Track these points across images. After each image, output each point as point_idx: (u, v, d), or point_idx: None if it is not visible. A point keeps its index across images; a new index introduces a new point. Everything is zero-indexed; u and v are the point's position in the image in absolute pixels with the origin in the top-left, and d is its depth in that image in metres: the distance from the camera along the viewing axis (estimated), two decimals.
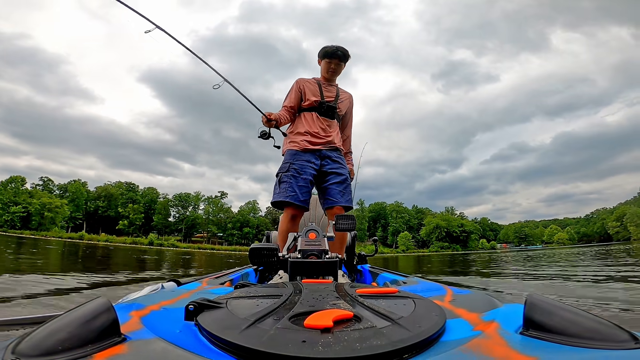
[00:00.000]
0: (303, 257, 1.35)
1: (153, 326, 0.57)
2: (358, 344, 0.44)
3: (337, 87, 2.58)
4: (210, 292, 1.00)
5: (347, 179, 2.42)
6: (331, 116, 2.49)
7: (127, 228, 63.63)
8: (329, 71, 2.49)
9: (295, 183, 2.26)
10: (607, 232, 72.66)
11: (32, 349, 0.42)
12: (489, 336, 0.52)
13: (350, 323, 0.53)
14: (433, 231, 74.00)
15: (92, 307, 0.50)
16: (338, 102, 2.52)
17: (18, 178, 54.39)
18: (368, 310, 0.60)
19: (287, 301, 0.67)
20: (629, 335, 0.47)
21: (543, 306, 0.54)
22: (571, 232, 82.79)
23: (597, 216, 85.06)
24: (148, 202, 70.61)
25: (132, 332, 0.52)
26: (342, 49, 2.46)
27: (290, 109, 2.49)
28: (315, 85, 2.51)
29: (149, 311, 0.67)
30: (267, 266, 1.36)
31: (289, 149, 2.42)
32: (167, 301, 0.79)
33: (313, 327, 0.50)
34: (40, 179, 64.42)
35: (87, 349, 0.44)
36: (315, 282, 0.92)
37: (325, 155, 2.41)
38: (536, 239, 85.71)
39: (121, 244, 46.09)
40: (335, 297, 0.71)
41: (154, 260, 14.01)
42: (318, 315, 0.54)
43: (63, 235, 49.01)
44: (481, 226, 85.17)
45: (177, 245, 54.44)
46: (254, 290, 0.79)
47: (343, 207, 2.35)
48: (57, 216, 53.53)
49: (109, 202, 67.31)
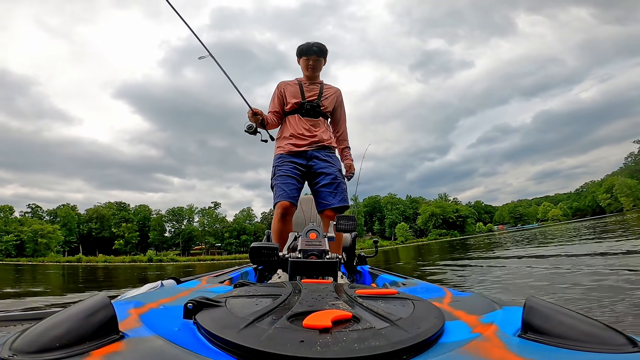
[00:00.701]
0: (303, 257, 1.34)
1: (151, 324, 0.56)
2: (356, 345, 0.44)
3: (321, 84, 2.54)
4: (209, 291, 1.00)
5: (337, 177, 2.36)
6: (315, 115, 2.45)
7: (124, 247, 62.84)
8: (309, 68, 2.46)
9: (282, 182, 2.28)
10: (599, 204, 73.84)
11: (29, 345, 0.42)
12: (488, 338, 0.52)
13: (349, 324, 0.53)
14: (429, 219, 74.44)
15: (90, 304, 0.50)
16: (322, 99, 2.48)
17: (6, 207, 53.45)
18: (367, 311, 0.60)
19: (286, 301, 0.67)
20: (627, 339, 0.47)
21: (542, 309, 0.54)
22: (564, 207, 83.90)
23: (587, 189, 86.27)
24: (141, 219, 69.93)
25: (130, 330, 0.52)
26: (317, 44, 2.44)
27: (275, 114, 2.48)
28: (296, 86, 2.49)
29: (148, 309, 0.66)
30: (267, 265, 1.35)
31: (276, 154, 2.44)
32: (166, 299, 0.78)
33: (312, 327, 0.50)
34: (28, 206, 63.47)
35: (85, 346, 0.44)
36: (314, 282, 0.92)
37: (312, 155, 2.38)
38: (531, 217, 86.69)
39: (120, 263, 45.51)
40: (334, 297, 0.70)
41: (157, 275, 13.87)
42: (317, 315, 0.54)
43: (60, 259, 48.43)
44: (476, 209, 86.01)
45: (177, 259, 53.92)
46: (253, 289, 0.79)
47: (336, 209, 2.31)
48: (51, 242, 52.67)
49: (101, 223, 66.46)
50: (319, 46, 2.44)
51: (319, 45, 2.45)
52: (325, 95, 2.51)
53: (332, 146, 2.50)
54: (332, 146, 2.50)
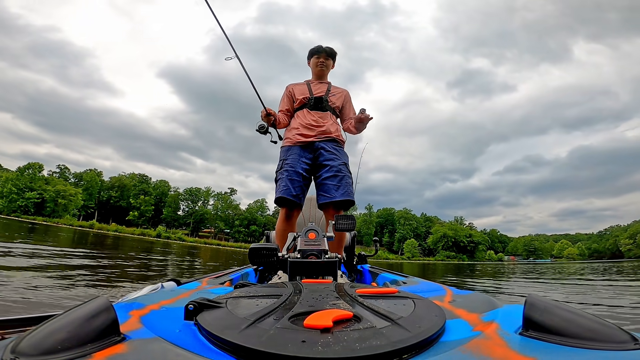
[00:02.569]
0: (302, 257, 1.34)
1: (152, 326, 0.57)
2: (357, 344, 0.44)
3: (329, 84, 2.61)
4: (209, 292, 1.00)
5: (341, 170, 2.31)
6: (322, 108, 2.48)
7: (137, 219, 64.55)
8: (318, 65, 2.57)
9: (288, 177, 2.28)
10: (619, 249, 70.66)
11: (31, 348, 0.42)
12: (489, 337, 0.52)
13: (349, 323, 0.53)
14: (440, 240, 73.13)
15: (91, 306, 0.50)
16: (329, 95, 2.53)
17: (36, 165, 55.50)
18: (368, 311, 0.60)
19: (286, 301, 0.67)
20: (629, 336, 0.47)
21: (543, 307, 0.54)
22: (582, 247, 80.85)
23: (611, 233, 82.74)
24: (159, 194, 71.49)
25: (131, 332, 0.52)
26: (327, 47, 2.59)
27: (285, 112, 2.55)
28: (304, 85, 2.58)
29: (149, 310, 0.67)
30: (266, 266, 1.36)
31: (283, 146, 2.46)
32: (167, 301, 0.79)
33: (313, 327, 0.50)
34: (58, 166, 66.06)
35: (87, 348, 0.44)
36: (314, 282, 0.92)
37: (319, 147, 2.37)
38: (545, 252, 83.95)
39: (130, 234, 46.83)
40: (334, 297, 0.70)
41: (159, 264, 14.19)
42: (318, 315, 0.54)
43: (74, 223, 49.88)
44: (490, 237, 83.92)
45: (184, 239, 54.97)
46: (254, 290, 0.79)
47: (339, 203, 2.24)
48: (70, 204, 54.37)
49: (121, 192, 68.40)
50: (329, 48, 2.61)
51: (329, 47, 2.61)
52: (332, 93, 2.57)
53: (339, 139, 2.49)
54: (339, 139, 2.49)
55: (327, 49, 2.59)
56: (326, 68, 2.60)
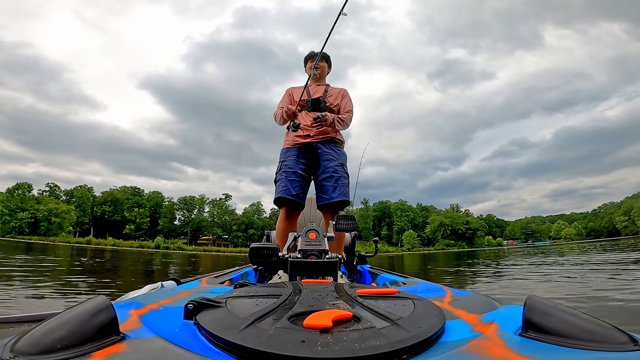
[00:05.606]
0: (303, 257, 1.34)
1: (152, 325, 0.56)
2: (357, 344, 0.44)
3: (326, 86, 2.68)
4: (209, 292, 1.00)
5: (337, 171, 2.36)
6: (320, 109, 2.51)
7: (134, 232, 64.07)
8: (314, 69, 2.59)
9: (286, 178, 2.32)
10: (615, 226, 71.75)
11: (30, 346, 0.42)
12: (488, 337, 0.52)
13: (349, 323, 0.53)
14: (438, 229, 73.51)
15: (91, 305, 0.50)
16: (327, 96, 2.59)
17: (24, 185, 54.97)
18: (367, 311, 0.60)
19: (286, 301, 0.67)
20: (628, 337, 0.47)
21: (542, 308, 0.53)
22: (579, 227, 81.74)
23: (605, 211, 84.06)
24: (153, 206, 71.05)
25: (131, 331, 0.52)
26: (321, 52, 2.62)
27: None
28: (302, 88, 2.60)
29: (148, 310, 0.66)
30: (267, 266, 1.35)
31: (282, 148, 2.52)
32: (167, 300, 0.78)
33: (312, 327, 0.50)
34: (47, 185, 65.27)
35: (86, 347, 0.44)
36: (314, 282, 0.92)
37: (317, 147, 2.42)
38: (543, 234, 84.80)
39: (128, 247, 46.44)
40: (334, 297, 0.70)
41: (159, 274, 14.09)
42: (317, 315, 0.54)
43: (71, 240, 49.62)
44: (487, 223, 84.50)
45: (184, 248, 54.76)
46: (254, 289, 0.79)
47: (336, 203, 2.29)
48: (64, 222, 54.05)
49: (115, 206, 67.86)
50: (323, 53, 2.63)
51: (323, 52, 2.62)
52: (330, 93, 2.63)
53: (338, 139, 2.54)
54: (338, 139, 2.54)
55: (320, 52, 2.61)
56: (322, 71, 2.69)
